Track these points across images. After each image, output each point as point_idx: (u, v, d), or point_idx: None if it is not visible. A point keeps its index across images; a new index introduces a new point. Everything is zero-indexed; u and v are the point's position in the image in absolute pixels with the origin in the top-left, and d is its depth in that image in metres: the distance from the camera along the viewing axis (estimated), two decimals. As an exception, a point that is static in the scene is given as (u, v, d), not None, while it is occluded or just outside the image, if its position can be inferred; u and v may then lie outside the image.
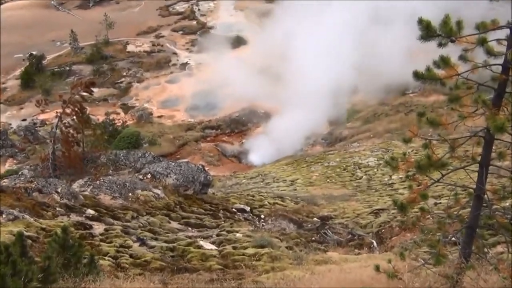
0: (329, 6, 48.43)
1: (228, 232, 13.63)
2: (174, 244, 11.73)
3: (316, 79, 44.87)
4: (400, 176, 23.64)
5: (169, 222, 14.18)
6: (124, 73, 56.05)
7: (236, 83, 49.01)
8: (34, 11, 66.59)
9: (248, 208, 17.88)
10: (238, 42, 57.35)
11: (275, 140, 42.76)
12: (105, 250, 10.44)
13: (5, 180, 17.06)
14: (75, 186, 15.40)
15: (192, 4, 66.45)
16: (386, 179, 25.06)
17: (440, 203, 15.45)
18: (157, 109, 51.29)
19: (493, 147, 6.01)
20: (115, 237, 11.44)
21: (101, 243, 10.92)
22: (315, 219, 17.65)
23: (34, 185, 13.54)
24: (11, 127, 45.10)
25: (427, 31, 5.38)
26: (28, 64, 53.37)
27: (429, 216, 6.58)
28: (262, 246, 11.59)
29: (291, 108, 44.54)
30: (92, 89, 22.47)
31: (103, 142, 25.06)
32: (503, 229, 6.00)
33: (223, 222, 15.10)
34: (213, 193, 19.78)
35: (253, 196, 20.77)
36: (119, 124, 42.73)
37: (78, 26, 58.99)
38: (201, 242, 12.16)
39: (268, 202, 19.68)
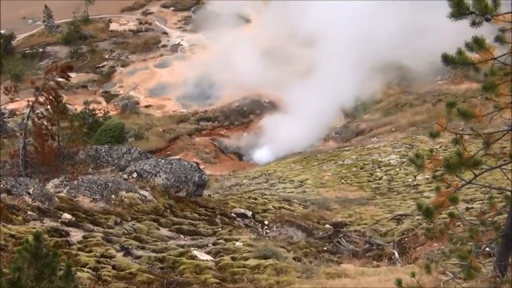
0: None
1: (227, 240, 13.66)
2: (164, 254, 11.73)
3: (330, 63, 45.00)
4: (426, 176, 23.62)
5: (158, 229, 14.21)
6: (106, 56, 56.25)
7: (237, 68, 49.17)
8: (2, -17, 67.40)
9: (249, 213, 17.87)
10: (239, 20, 57.31)
11: (281, 135, 42.94)
12: (83, 261, 10.40)
13: (-32, 179, 17.08)
14: (50, 186, 15.35)
15: (185, -25, 67.21)
16: (410, 180, 25.04)
17: (473, 208, 15.52)
18: (144, 97, 51.58)
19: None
20: (96, 245, 11.48)
21: (79, 252, 10.94)
22: (327, 226, 17.62)
23: (1, 185, 13.53)
24: (-25, 118, 46.18)
25: (458, 8, 5.28)
26: (-6, 45, 53.96)
27: (459, 222, 6.85)
28: (266, 257, 11.56)
29: (300, 98, 44.69)
30: (69, 74, 22.45)
31: (82, 135, 25.10)
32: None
33: (220, 229, 15.12)
34: (209, 195, 19.77)
35: (256, 199, 20.78)
36: (101, 115, 42.82)
37: (53, 1, 58.21)
38: (195, 252, 12.17)
39: (273, 206, 19.67)
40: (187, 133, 46.15)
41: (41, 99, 20.21)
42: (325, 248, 14.90)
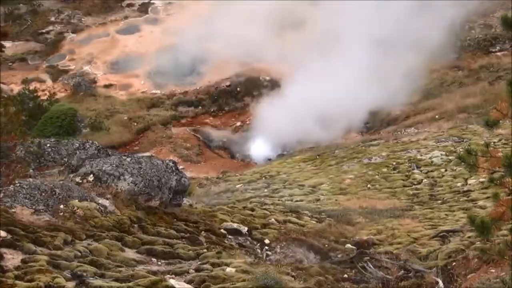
0: None
1: (214, 265, 13.63)
2: (130, 284, 11.68)
3: (353, 28, 45.17)
4: (481, 179, 23.54)
5: (122, 250, 14.18)
6: (53, 18, 56.13)
7: (227, 34, 49.10)
8: None
9: (244, 229, 17.90)
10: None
11: (286, 124, 42.94)
12: (22, 293, 10.36)
13: None
14: (-24, 193, 15.35)
15: None
16: (458, 185, 25.16)
17: (543, 221, 15.59)
18: (103, 74, 51.54)
19: None
20: (39, 272, 11.45)
21: (17, 282, 10.87)
22: (348, 246, 17.70)
23: None
24: None
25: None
26: None
27: (525, 241, 6.55)
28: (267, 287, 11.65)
29: (311, 74, 44.59)
30: (3, 43, 22.42)
31: (20, 125, 24.99)
32: None
33: (205, 250, 15.09)
34: (191, 205, 19.75)
35: (253, 210, 20.81)
36: (45, 97, 42.50)
37: None
38: (172, 281, 12.08)
39: (276, 220, 19.72)
40: (161, 122, 46.05)
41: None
42: (345, 275, 14.89)
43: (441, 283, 14.22)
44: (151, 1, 57.94)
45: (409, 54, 46.77)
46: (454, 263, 15.20)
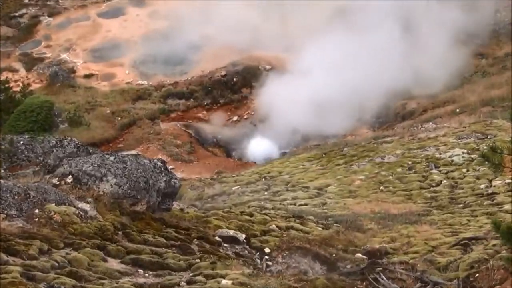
0: None
1: (208, 277, 13.59)
2: (114, 298, 11.75)
3: (366, 9, 45.65)
4: (507, 180, 23.80)
5: (105, 260, 14.13)
6: (27, 0, 56.04)
7: (222, 17, 49.17)
8: None
9: (242, 236, 17.78)
10: None
11: (289, 119, 43.04)
12: (-7, 308, 10.37)
13: None
14: None
15: None
16: (482, 187, 25.12)
17: None
18: (83, 62, 51.60)
19: None
20: (11, 285, 11.40)
21: (-13, 296, 10.95)
22: (358, 255, 17.67)
23: None
24: None
25: None
26: None
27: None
28: (267, 302, 11.62)
29: (318, 63, 44.56)
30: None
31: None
32: None
33: (198, 261, 15.03)
34: (182, 210, 19.69)
35: (251, 216, 20.73)
36: (18, 89, 42.37)
37: None
38: (161, 295, 12.17)
39: (277, 226, 19.65)
40: (148, 117, 46.12)
41: None
42: (355, 288, 15.25)
43: (462, 297, 14.30)
44: (137, -19, 58.45)
45: (427, 39, 46.82)
46: (477, 275, 15.10)
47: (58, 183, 17.37)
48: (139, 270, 14.21)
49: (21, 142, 21.29)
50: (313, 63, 45.06)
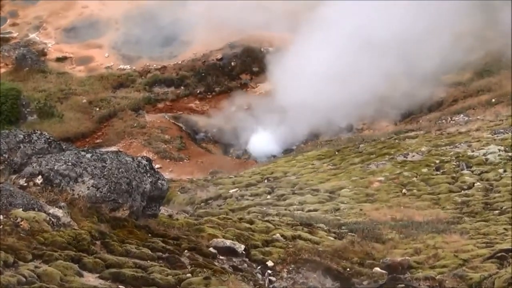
0: None
1: (200, 295, 13.67)
2: (91, 320, 11.74)
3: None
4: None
5: (80, 275, 14.08)
6: (-12, -29, 56.51)
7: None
8: None
9: (241, 247, 17.67)
10: None
11: (295, 109, 43.13)
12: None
13: None
14: None
15: None
16: (522, 190, 25.45)
17: None
18: (55, 44, 51.86)
19: None
20: (-29, 304, 11.47)
21: None
22: (377, 269, 17.60)
23: None
24: None
25: None
26: None
27: None
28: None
29: (327, 43, 44.52)
30: None
31: None
32: None
33: (189, 276, 14.97)
34: (170, 216, 19.79)
35: (252, 223, 20.80)
36: (-22, 74, 42.96)
37: None
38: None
39: (282, 235, 19.68)
40: (131, 107, 46.39)
41: None
42: (373, 308, 15.13)
43: (498, 319, 14.32)
44: None
45: (458, 17, 46.67)
46: (516, 293, 15.30)
47: (25, 184, 17.33)
48: (120, 286, 14.20)
49: (-17, 137, 21.38)
50: (323, 43, 44.94)
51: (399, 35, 44.38)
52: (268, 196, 27.97)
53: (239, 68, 49.31)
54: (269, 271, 17.13)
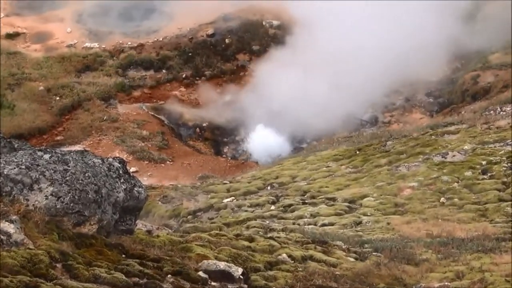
0: None
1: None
2: None
3: None
4: None
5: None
6: None
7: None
8: None
9: (238, 271, 17.77)
10: None
11: (306, 97, 43.26)
12: None
13: None
14: None
15: None
16: None
17: None
18: (5, 16, 52.13)
19: None
20: None
21: None
22: (408, 300, 17.79)
23: None
24: None
25: None
26: None
27: None
28: None
29: (345, 13, 44.91)
30: None
31: None
32: None
33: (173, 307, 15.14)
34: (150, 232, 19.93)
35: (252, 241, 20.90)
36: None
37: None
38: None
39: (290, 256, 19.82)
40: (101, 96, 46.67)
41: None
42: None
43: None
44: None
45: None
46: None
47: (-33, 193, 17.38)
48: (86, 322, 14.25)
49: None
50: (340, 14, 45.34)
51: (436, 8, 44.86)
52: (272, 207, 28.20)
53: (235, 47, 49.36)
54: (274, 302, 17.65)
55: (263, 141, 43.71)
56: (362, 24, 43.58)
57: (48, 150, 19.98)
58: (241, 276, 17.73)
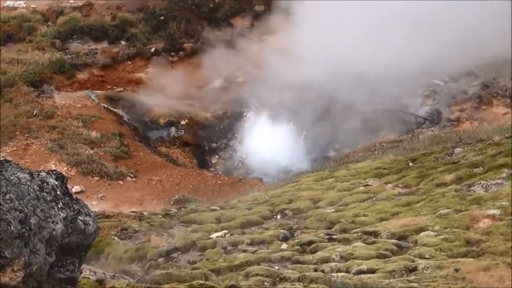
0: None
1: None
2: None
3: None
4: None
5: None
6: None
7: None
8: None
9: None
10: None
11: (333, 83, 44.43)
12: None
13: None
14: None
15: None
16: None
17: None
18: None
19: None
20: None
21: None
22: None
23: None
24: None
25: None
26: None
27: None
28: None
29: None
30: None
31: None
32: None
33: None
34: (101, 282, 19.14)
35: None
36: None
37: None
38: None
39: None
40: (28, 80, 48.70)
41: None
42: None
43: None
44: None
45: None
46: None
47: None
48: None
49: None
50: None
51: None
52: (284, 245, 28.36)
53: (229, 7, 50.10)
54: None
55: (269, 146, 44.17)
56: None
57: None
58: None
